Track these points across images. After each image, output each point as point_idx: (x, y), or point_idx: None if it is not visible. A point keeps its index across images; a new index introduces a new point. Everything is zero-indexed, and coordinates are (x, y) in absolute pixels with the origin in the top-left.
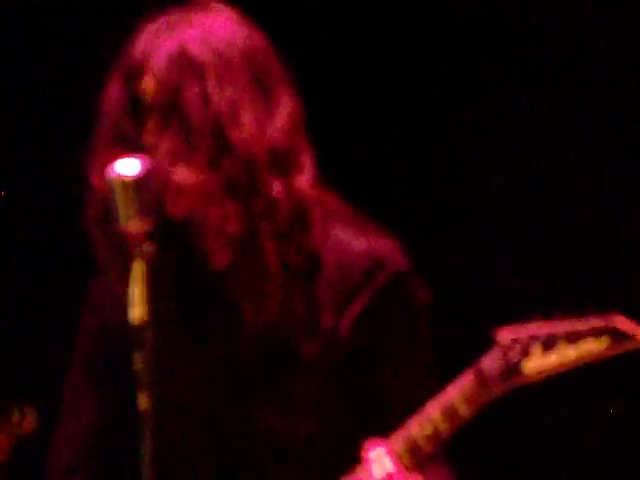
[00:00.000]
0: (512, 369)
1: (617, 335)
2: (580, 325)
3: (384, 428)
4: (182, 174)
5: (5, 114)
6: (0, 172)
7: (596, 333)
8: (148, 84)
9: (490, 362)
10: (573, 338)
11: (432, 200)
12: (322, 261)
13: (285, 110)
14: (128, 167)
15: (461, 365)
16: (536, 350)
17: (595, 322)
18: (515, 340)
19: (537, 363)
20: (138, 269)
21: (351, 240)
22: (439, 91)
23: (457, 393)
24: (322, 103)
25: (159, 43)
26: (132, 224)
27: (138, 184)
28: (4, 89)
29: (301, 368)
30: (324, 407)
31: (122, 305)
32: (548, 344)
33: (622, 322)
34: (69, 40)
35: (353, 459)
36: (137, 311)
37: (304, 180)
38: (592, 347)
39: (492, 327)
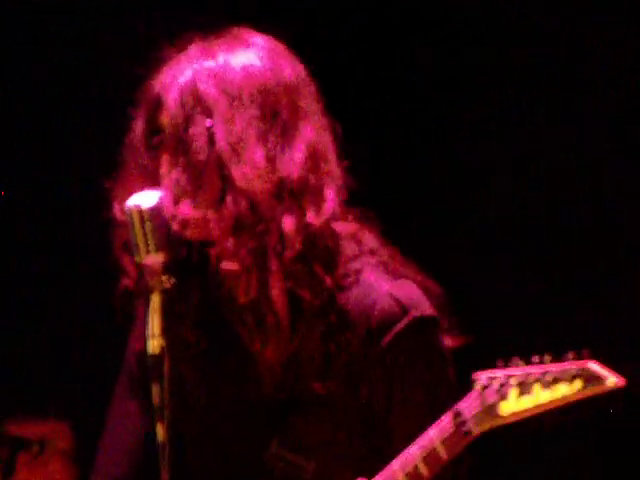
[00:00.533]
0: (489, 411)
1: (589, 379)
2: (554, 369)
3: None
4: (185, 209)
5: (5, 114)
6: (0, 172)
7: (569, 377)
8: (164, 118)
9: (468, 404)
10: (547, 382)
11: (432, 202)
12: (343, 299)
13: (303, 143)
14: (145, 199)
15: (460, 365)
16: (512, 393)
17: (569, 366)
18: (492, 383)
19: (513, 406)
20: (155, 301)
21: (378, 280)
22: (439, 93)
23: (436, 435)
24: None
25: (175, 77)
26: (149, 256)
27: (153, 216)
28: (4, 89)
29: (313, 406)
30: (332, 445)
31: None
32: (524, 387)
33: (594, 367)
34: (69, 40)
35: None
36: (154, 343)
37: (323, 214)
38: (565, 391)
39: (492, 328)
